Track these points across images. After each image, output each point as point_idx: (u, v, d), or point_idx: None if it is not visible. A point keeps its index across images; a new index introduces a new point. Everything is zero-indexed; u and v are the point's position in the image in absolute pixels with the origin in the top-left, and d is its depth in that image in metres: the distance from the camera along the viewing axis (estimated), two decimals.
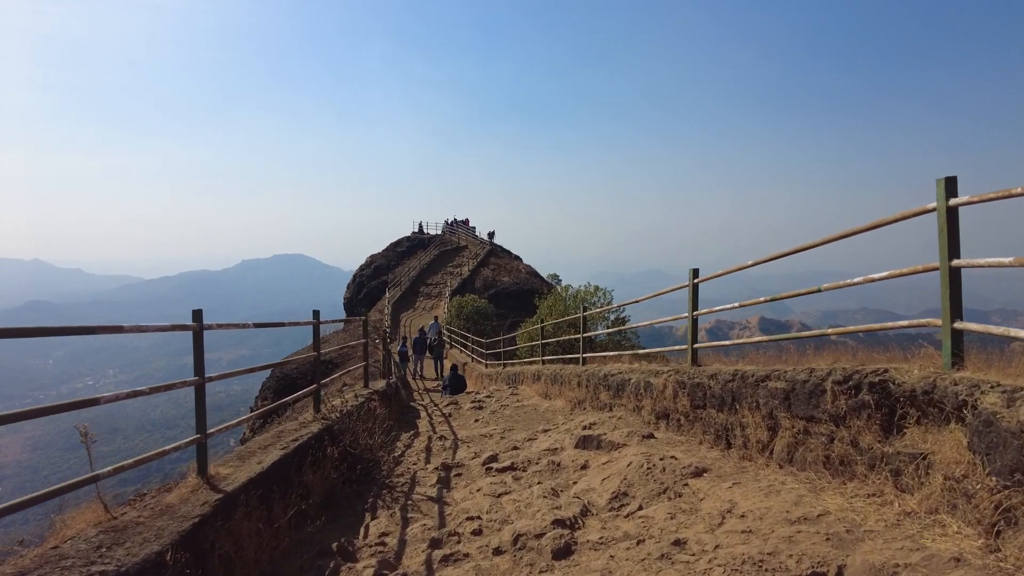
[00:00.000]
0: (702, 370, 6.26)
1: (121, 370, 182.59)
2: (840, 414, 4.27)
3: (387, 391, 10.20)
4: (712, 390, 5.91)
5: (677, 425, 6.58)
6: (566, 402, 10.12)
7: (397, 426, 9.82)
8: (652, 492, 5.03)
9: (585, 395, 9.34)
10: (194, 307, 4.43)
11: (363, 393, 8.93)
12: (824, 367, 4.63)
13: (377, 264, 50.63)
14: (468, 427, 9.51)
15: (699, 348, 6.75)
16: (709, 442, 5.95)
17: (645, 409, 7.27)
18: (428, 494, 5.96)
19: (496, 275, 42.60)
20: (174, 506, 3.84)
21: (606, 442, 6.50)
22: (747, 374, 5.41)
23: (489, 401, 11.89)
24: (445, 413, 10.89)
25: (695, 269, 6.73)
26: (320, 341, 6.99)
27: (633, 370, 8.01)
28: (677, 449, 5.99)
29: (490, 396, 12.51)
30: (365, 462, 6.50)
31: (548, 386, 11.43)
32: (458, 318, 28.84)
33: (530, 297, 41.69)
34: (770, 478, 4.72)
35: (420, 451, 7.85)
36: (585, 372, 9.50)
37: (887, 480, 3.81)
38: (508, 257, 49.77)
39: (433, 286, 41.51)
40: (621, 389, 8.04)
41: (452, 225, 54.90)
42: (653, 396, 7.10)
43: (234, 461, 4.90)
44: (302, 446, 5.60)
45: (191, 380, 4.21)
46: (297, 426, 6.38)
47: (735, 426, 5.53)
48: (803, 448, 4.64)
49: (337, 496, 5.85)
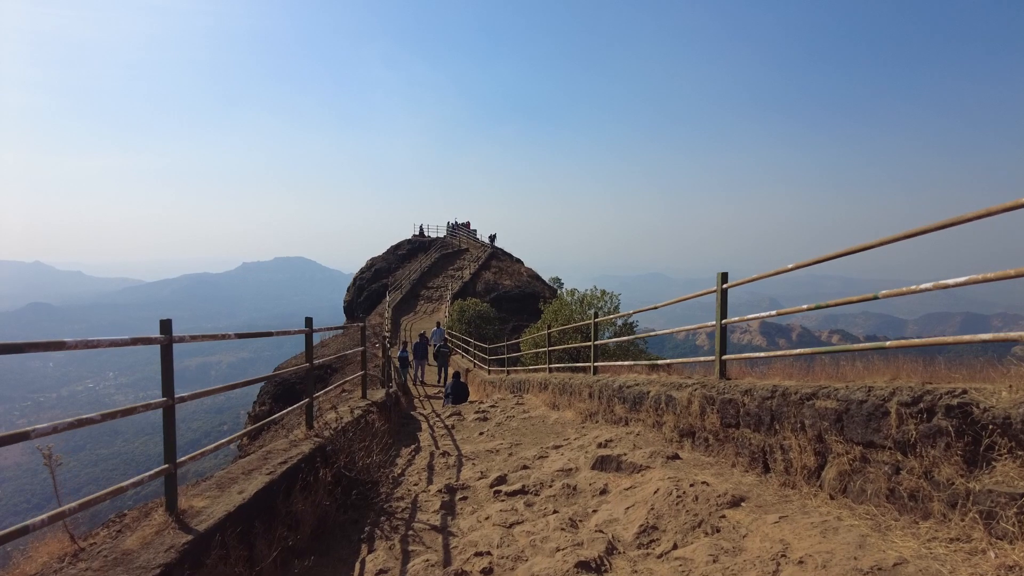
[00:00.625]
0: (733, 385, 5.68)
1: (121, 372, 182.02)
2: (908, 441, 3.69)
3: (386, 401, 9.61)
4: (747, 408, 5.33)
5: (704, 445, 5.99)
6: (576, 414, 9.54)
7: (397, 440, 9.23)
8: (686, 525, 4.44)
9: (597, 407, 8.75)
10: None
11: (360, 405, 8.35)
12: (884, 385, 4.05)
13: (377, 267, 50.09)
14: (472, 441, 8.93)
15: (729, 360, 6.16)
16: (743, 465, 5.36)
17: (667, 426, 6.68)
18: (431, 522, 5.37)
19: (498, 278, 42.04)
20: (133, 553, 3.26)
21: (626, 463, 5.91)
22: (789, 391, 4.83)
23: (494, 411, 11.31)
24: (448, 425, 10.31)
25: (724, 273, 6.15)
26: (313, 351, 6.41)
27: (651, 382, 7.42)
28: (707, 473, 5.41)
29: (494, 406, 11.93)
30: (362, 485, 5.91)
31: (556, 396, 10.85)
32: (459, 322, 28.26)
33: (532, 301, 41.17)
34: (822, 511, 4.14)
35: (422, 469, 7.26)
36: (597, 382, 8.91)
37: (976, 523, 3.22)
38: (510, 260, 49.23)
39: (434, 289, 40.94)
40: (639, 403, 7.45)
41: (453, 228, 54.38)
42: (676, 412, 6.51)
43: (212, 490, 4.31)
44: (291, 470, 5.01)
45: (157, 402, 3.63)
46: (287, 445, 5.80)
47: (774, 449, 4.95)
48: (860, 478, 4.05)
49: (330, 525, 5.26)
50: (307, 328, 6.24)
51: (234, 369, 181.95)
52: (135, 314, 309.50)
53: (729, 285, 6.09)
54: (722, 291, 6.11)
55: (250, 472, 4.81)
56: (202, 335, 4.15)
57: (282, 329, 6.27)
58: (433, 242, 52.47)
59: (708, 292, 6.43)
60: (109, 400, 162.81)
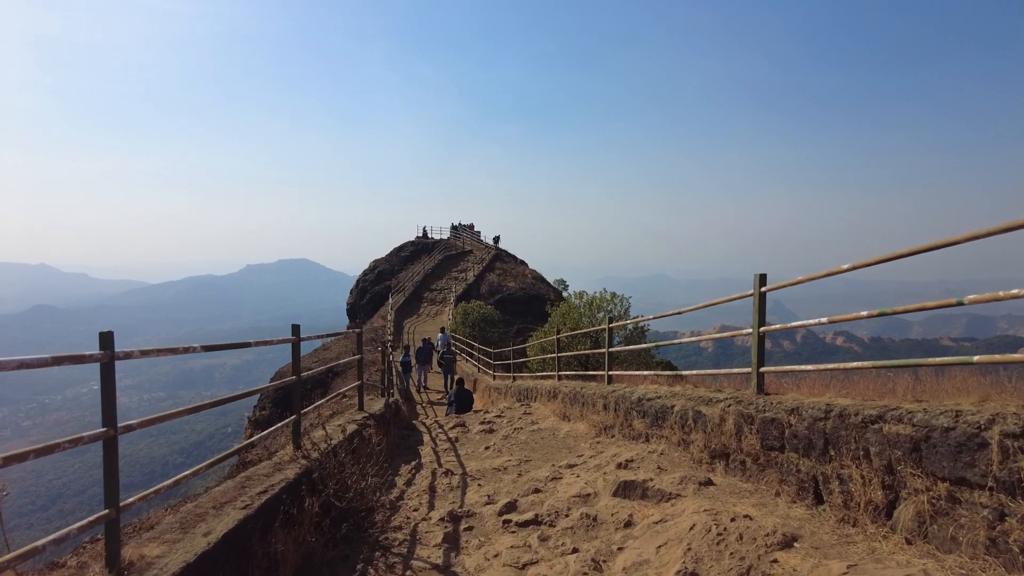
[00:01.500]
0: (775, 402, 4.99)
1: (127, 375, 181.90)
2: (1018, 482, 3.01)
3: (385, 413, 8.93)
4: (794, 429, 4.64)
5: (741, 469, 5.31)
6: (589, 427, 8.85)
7: (396, 455, 8.56)
8: (731, 571, 3.76)
9: (613, 420, 8.07)
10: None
11: (356, 419, 7.67)
12: (975, 409, 3.36)
13: (380, 269, 49.50)
14: (478, 456, 8.25)
15: (768, 372, 5.47)
16: (789, 495, 4.68)
17: (695, 445, 5.99)
18: (432, 559, 4.69)
19: (502, 280, 41.39)
20: None
21: (653, 490, 5.23)
22: (847, 412, 4.15)
23: (500, 422, 10.63)
24: (451, 437, 9.63)
25: (762, 275, 5.46)
26: (300, 361, 5.74)
27: (675, 395, 6.73)
28: (747, 503, 4.72)
29: (500, 416, 11.25)
30: (355, 513, 5.24)
31: (567, 406, 10.17)
32: (464, 325, 27.61)
33: (537, 303, 40.48)
34: (899, 559, 3.45)
35: (422, 491, 6.59)
36: (613, 393, 8.23)
37: None
38: (514, 262, 48.59)
39: (438, 292, 40.30)
40: (661, 418, 6.77)
41: (457, 229, 53.79)
42: (706, 430, 5.83)
43: (173, 532, 3.65)
44: (271, 502, 4.35)
45: (95, 434, 2.96)
46: (270, 469, 5.14)
47: (829, 478, 4.26)
48: (948, 522, 3.37)
49: (316, 564, 4.59)
50: (294, 336, 5.57)
51: (239, 372, 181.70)
52: (139, 316, 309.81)
53: (768, 288, 5.41)
54: (760, 295, 5.43)
55: (223, 506, 4.15)
56: (154, 349, 3.49)
57: (280, 337, 5.61)
58: (436, 244, 51.86)
59: (744, 296, 5.74)
60: None
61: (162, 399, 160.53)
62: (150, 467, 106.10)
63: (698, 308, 6.68)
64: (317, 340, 38.50)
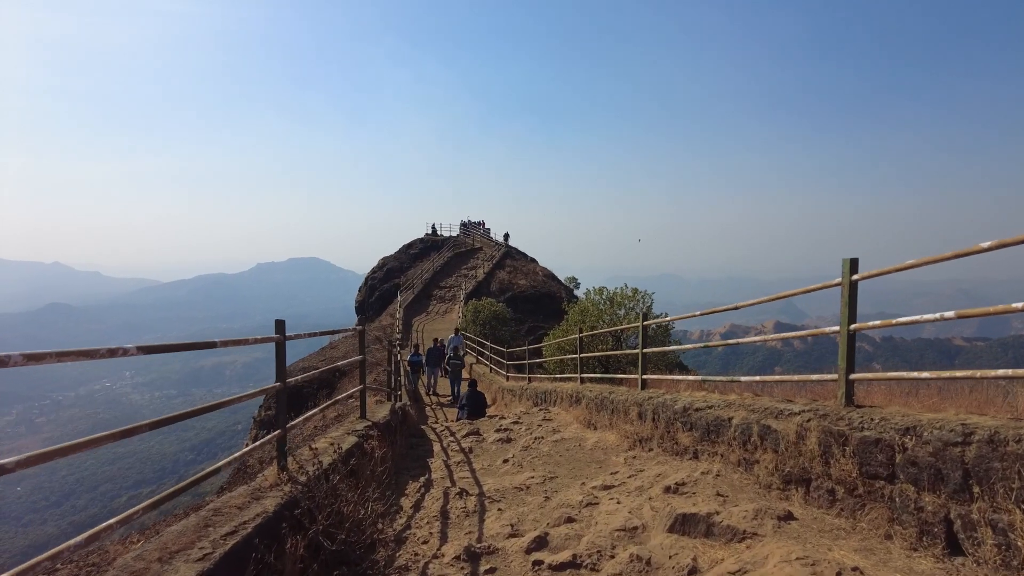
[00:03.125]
0: (877, 417, 3.95)
1: (138, 372, 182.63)
2: None
3: (390, 421, 7.94)
4: (912, 455, 3.60)
5: (829, 499, 4.27)
6: (620, 437, 7.82)
7: (403, 470, 7.56)
8: None
9: (651, 432, 7.03)
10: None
11: (357, 428, 6.67)
12: None
13: (389, 267, 48.63)
14: (496, 472, 7.24)
15: (862, 380, 4.42)
16: (906, 539, 3.63)
17: (762, 467, 4.95)
18: None
19: (512, 278, 40.38)
20: None
21: (720, 526, 4.19)
22: (1001, 436, 3.10)
23: (518, 429, 9.61)
24: (464, 447, 8.62)
25: (853, 260, 4.41)
26: (285, 366, 4.74)
27: (732, 404, 5.69)
28: (847, 547, 3.68)
29: (518, 422, 10.23)
30: (351, 552, 4.25)
31: (592, 413, 9.14)
32: (474, 323, 26.61)
33: (548, 301, 39.41)
34: None
35: (433, 517, 5.58)
36: (650, 400, 7.19)
37: None
38: (524, 259, 47.57)
39: (447, 289, 39.34)
40: (715, 432, 5.73)
41: (467, 226, 52.85)
42: (778, 449, 4.79)
43: None
44: (238, 550, 3.35)
45: None
46: (245, 498, 4.14)
47: (976, 523, 3.22)
48: None
49: None
50: (277, 335, 4.57)
51: (249, 369, 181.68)
52: (152, 315, 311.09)
53: (861, 276, 4.34)
54: (851, 284, 4.38)
55: (172, 557, 3.15)
56: (75, 351, 2.54)
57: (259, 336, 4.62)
58: (446, 241, 50.90)
59: (831, 284, 4.66)
60: (126, 399, 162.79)
61: (173, 396, 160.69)
62: (160, 464, 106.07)
63: (770, 299, 5.60)
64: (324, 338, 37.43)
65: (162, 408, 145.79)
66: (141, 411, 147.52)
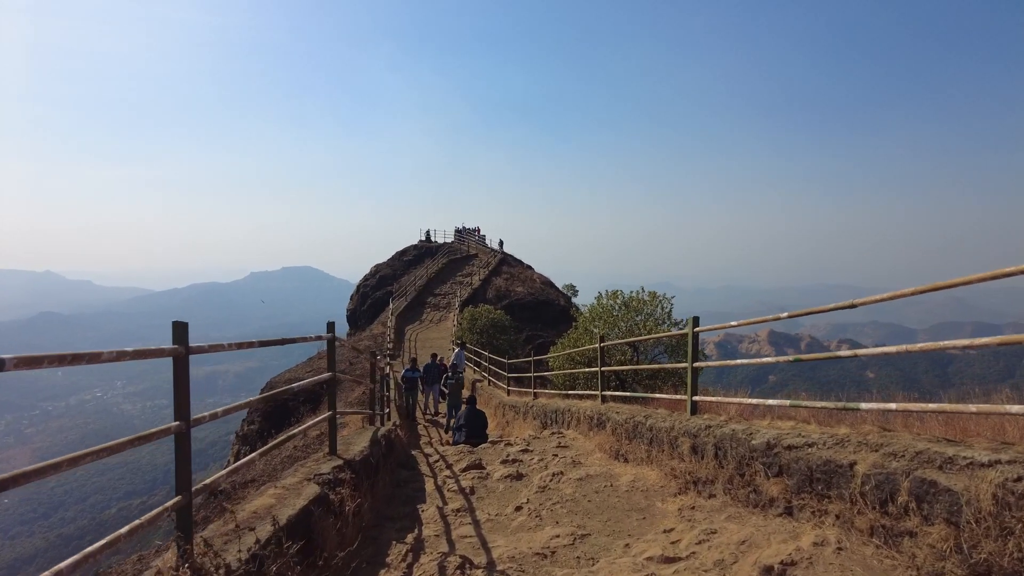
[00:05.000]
0: None
1: (130, 381, 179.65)
2: None
3: (370, 455, 6.19)
4: None
5: None
6: (664, 476, 6.11)
7: (386, 518, 5.82)
8: None
9: (713, 472, 5.32)
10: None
11: (323, 472, 4.90)
12: None
13: (382, 274, 46.88)
14: (507, 525, 5.51)
15: None
16: None
17: (923, 543, 3.25)
18: None
19: (509, 285, 38.71)
20: None
21: None
22: None
23: (529, 460, 7.87)
24: (464, 487, 6.86)
25: None
26: (188, 399, 3.03)
27: (847, 441, 3.98)
28: None
29: (528, 450, 8.49)
30: None
31: (622, 441, 7.41)
32: (471, 332, 24.86)
33: (547, 309, 37.70)
34: None
35: None
36: (708, 431, 5.49)
37: None
38: (521, 266, 45.96)
39: (442, 296, 37.59)
40: (824, 482, 4.02)
41: (461, 233, 51.25)
42: (955, 519, 3.10)
43: None
44: None
45: None
46: None
47: None
48: None
49: None
50: (177, 346, 2.86)
51: (241, 379, 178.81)
52: (145, 323, 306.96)
53: None
54: None
55: None
56: None
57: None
58: (440, 247, 49.21)
59: (1016, 271, 3.01)
60: (117, 409, 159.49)
61: (164, 407, 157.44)
62: (152, 475, 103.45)
63: (860, 304, 3.91)
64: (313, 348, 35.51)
65: (153, 418, 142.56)
66: (132, 421, 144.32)
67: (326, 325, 5.53)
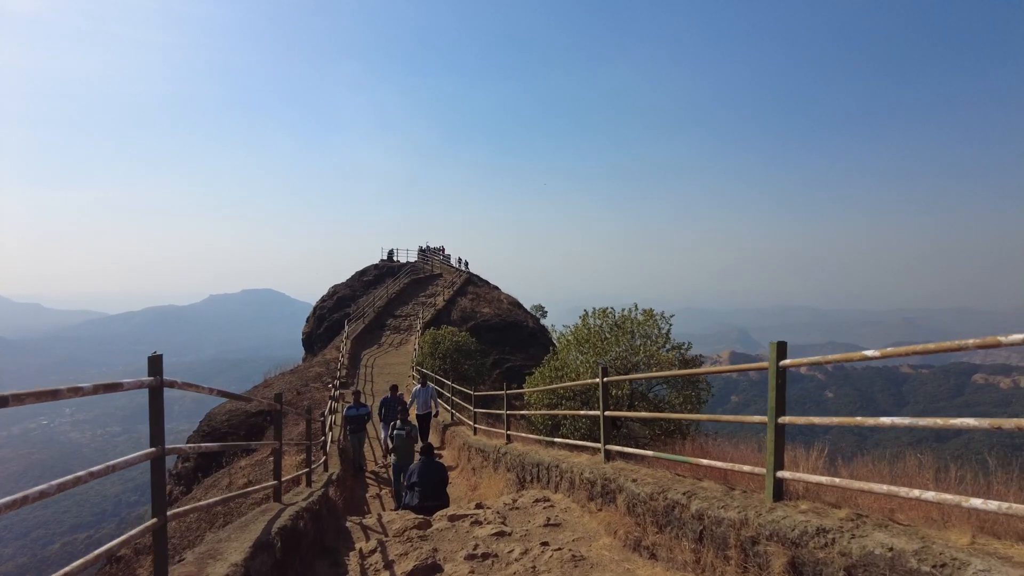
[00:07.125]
0: None
1: (79, 408, 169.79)
2: None
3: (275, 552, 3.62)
4: None
5: None
6: None
7: None
8: None
9: None
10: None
11: None
12: None
13: (340, 295, 43.91)
14: None
15: None
16: None
17: None
18: None
19: (475, 305, 36.23)
20: None
21: None
22: None
23: (505, 551, 5.36)
24: None
25: None
26: None
27: None
28: None
29: (504, 532, 5.97)
30: None
31: (645, 527, 4.98)
32: (433, 356, 22.23)
33: (514, 331, 35.25)
34: None
35: None
36: (827, 546, 3.13)
37: None
38: (487, 286, 43.58)
39: (403, 318, 34.85)
40: None
41: (425, 252, 48.74)
42: None
43: None
44: None
45: None
46: None
47: None
48: None
49: None
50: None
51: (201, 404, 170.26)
52: (97, 348, 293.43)
53: None
54: None
55: None
56: None
57: None
58: (403, 267, 46.53)
59: None
60: (64, 438, 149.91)
61: (117, 434, 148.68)
62: (100, 506, 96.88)
63: None
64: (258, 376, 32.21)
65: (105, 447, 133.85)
66: (81, 450, 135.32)
67: (147, 361, 3.05)
